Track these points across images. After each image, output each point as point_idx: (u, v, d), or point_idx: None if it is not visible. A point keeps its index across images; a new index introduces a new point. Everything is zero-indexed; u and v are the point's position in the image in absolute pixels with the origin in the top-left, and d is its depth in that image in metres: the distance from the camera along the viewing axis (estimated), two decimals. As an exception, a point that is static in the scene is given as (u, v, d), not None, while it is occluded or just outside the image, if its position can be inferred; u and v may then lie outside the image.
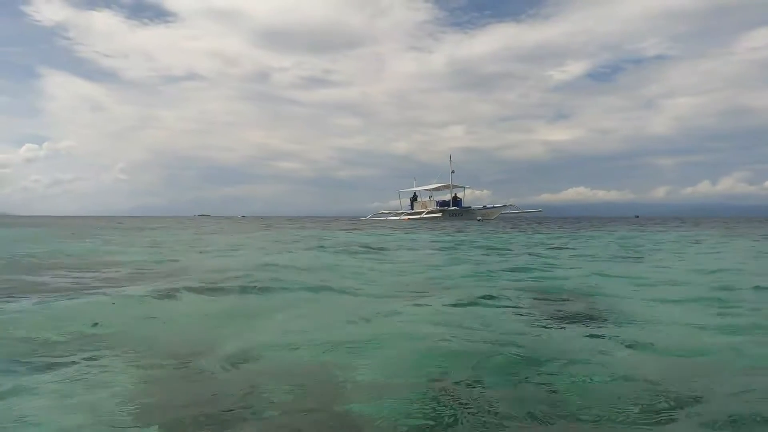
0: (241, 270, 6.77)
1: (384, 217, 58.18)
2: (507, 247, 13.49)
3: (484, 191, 61.70)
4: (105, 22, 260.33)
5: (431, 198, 57.90)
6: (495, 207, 53.30)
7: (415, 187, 59.09)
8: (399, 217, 55.75)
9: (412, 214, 55.46)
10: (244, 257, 10.19)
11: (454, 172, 55.47)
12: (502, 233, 21.66)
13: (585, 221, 50.48)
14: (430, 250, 13.01)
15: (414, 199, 59.15)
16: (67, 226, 29.45)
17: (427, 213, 53.74)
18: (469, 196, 57.64)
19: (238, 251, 11.82)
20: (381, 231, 24.38)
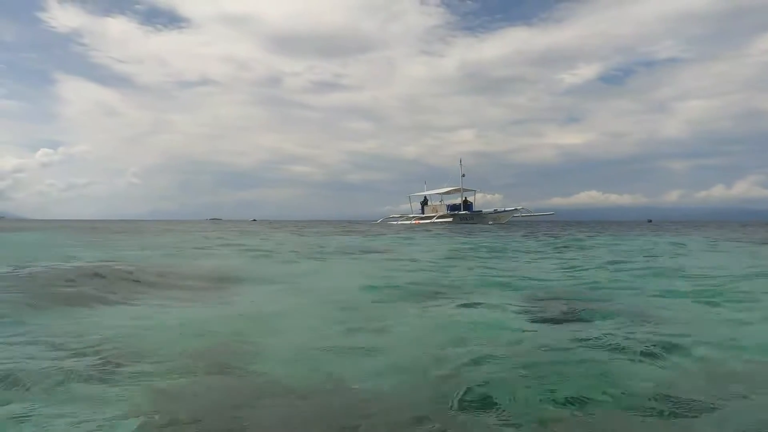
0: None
1: (395, 221, 58.10)
2: (525, 249, 13.43)
3: (496, 195, 61.64)
4: (119, 28, 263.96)
5: (442, 202, 57.70)
6: (506, 211, 52.94)
7: (426, 191, 58.97)
8: (410, 221, 55.62)
9: (423, 218, 55.30)
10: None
11: (464, 175, 55.25)
12: (517, 238, 21.55)
13: (598, 225, 50.05)
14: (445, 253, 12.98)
15: (424, 203, 58.96)
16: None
17: (437, 217, 53.55)
18: (480, 200, 57.36)
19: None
20: (401, 235, 24.37)
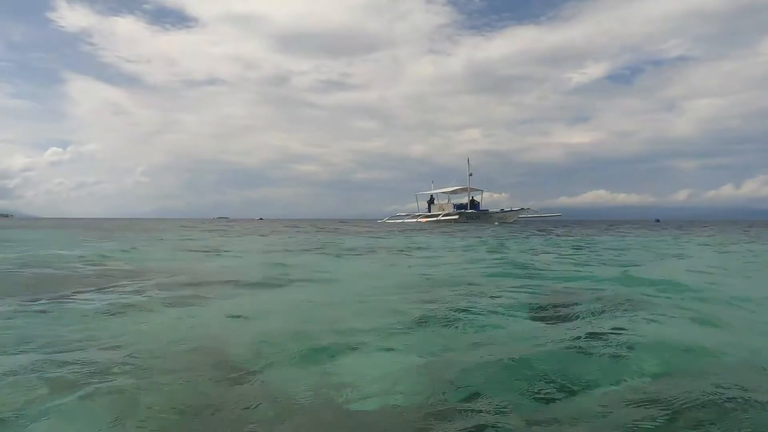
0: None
1: (400, 220, 58.16)
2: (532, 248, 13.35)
3: (502, 194, 61.47)
4: (128, 27, 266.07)
5: (449, 201, 57.73)
6: (513, 210, 52.90)
7: (433, 190, 59.02)
8: (416, 219, 55.67)
9: (429, 216, 55.33)
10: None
11: (471, 175, 55.26)
12: (522, 237, 21.46)
13: (605, 225, 49.82)
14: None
15: (431, 201, 59.04)
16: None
17: (443, 215, 53.57)
18: (487, 200, 57.33)
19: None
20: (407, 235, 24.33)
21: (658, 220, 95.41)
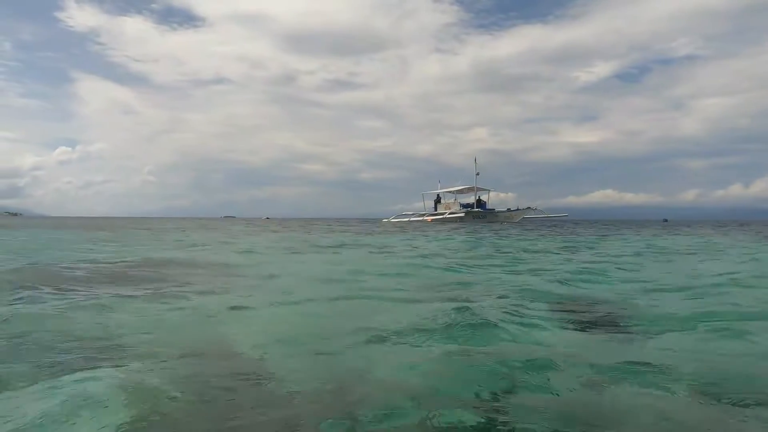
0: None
1: (407, 219, 58.03)
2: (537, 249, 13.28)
3: (509, 194, 61.24)
4: (136, 27, 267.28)
5: (455, 200, 57.56)
6: (519, 210, 52.72)
7: (440, 189, 58.85)
8: (422, 218, 55.53)
9: (435, 215, 55.16)
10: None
11: (479, 174, 55.12)
12: (526, 236, 21.36)
13: (611, 225, 49.54)
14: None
15: (438, 201, 58.89)
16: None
17: (449, 214, 53.40)
18: (493, 199, 57.18)
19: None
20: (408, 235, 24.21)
21: (666, 220, 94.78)
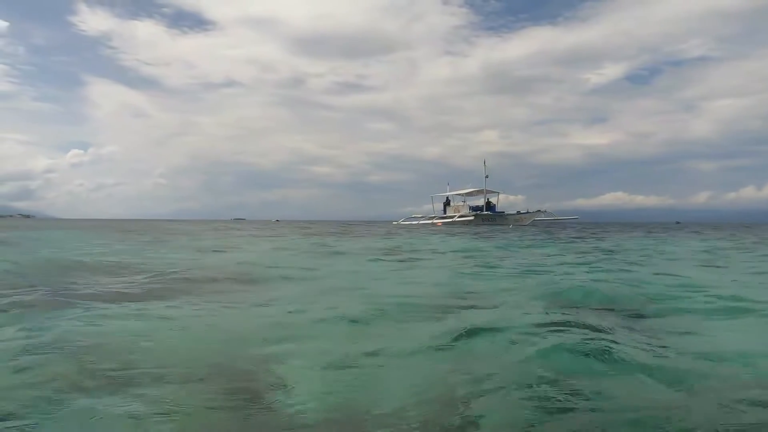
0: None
1: (416, 221, 57.95)
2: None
3: (519, 196, 60.91)
4: (147, 31, 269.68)
5: (464, 203, 57.43)
6: (529, 212, 52.47)
7: (449, 191, 58.75)
8: (431, 221, 55.43)
9: (444, 218, 55.04)
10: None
11: (488, 177, 54.94)
12: (536, 239, 21.21)
13: (620, 227, 49.13)
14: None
15: (447, 203, 58.76)
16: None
17: (458, 217, 53.26)
18: (503, 202, 56.91)
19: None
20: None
21: (678, 222, 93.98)
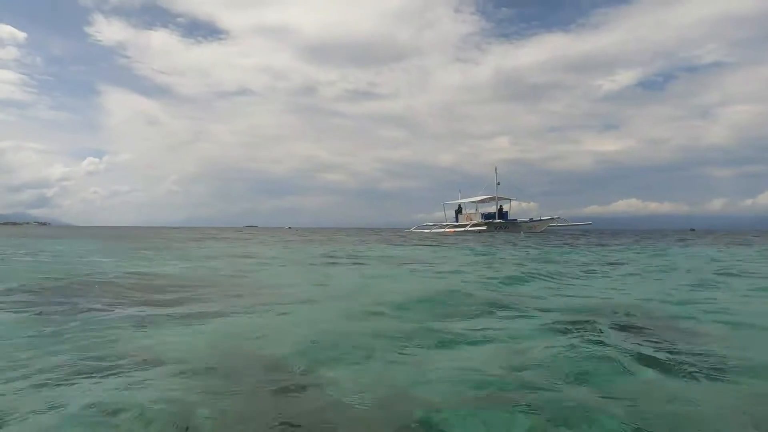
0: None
1: (428, 229, 57.75)
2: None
3: (531, 203, 60.03)
4: (162, 40, 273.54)
5: (477, 210, 57.16)
6: (542, 219, 52.01)
7: (460, 199, 58.50)
8: (443, 229, 55.20)
9: (457, 226, 54.78)
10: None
11: (499, 184, 54.58)
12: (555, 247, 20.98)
13: (635, 234, 48.56)
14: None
15: (459, 211, 58.52)
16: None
17: (471, 225, 52.99)
18: (515, 209, 56.46)
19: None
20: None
21: (693, 230, 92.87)
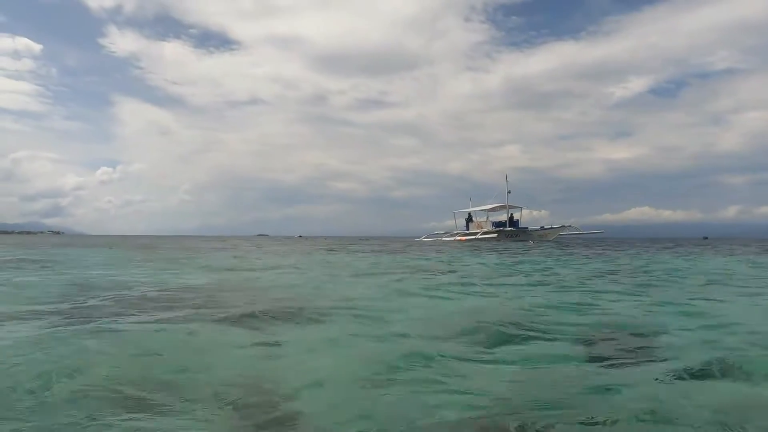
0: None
1: (439, 238, 57.67)
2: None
3: (542, 212, 60.13)
4: (174, 51, 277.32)
5: (487, 218, 56.98)
6: (553, 228, 51.65)
7: (471, 207, 58.39)
8: (453, 237, 55.08)
9: (467, 234, 54.61)
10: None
11: (510, 192, 54.39)
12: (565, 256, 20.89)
13: (648, 242, 48.16)
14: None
15: (469, 219, 58.36)
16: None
17: (482, 233, 52.81)
18: (526, 217, 56.27)
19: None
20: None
21: (706, 238, 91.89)
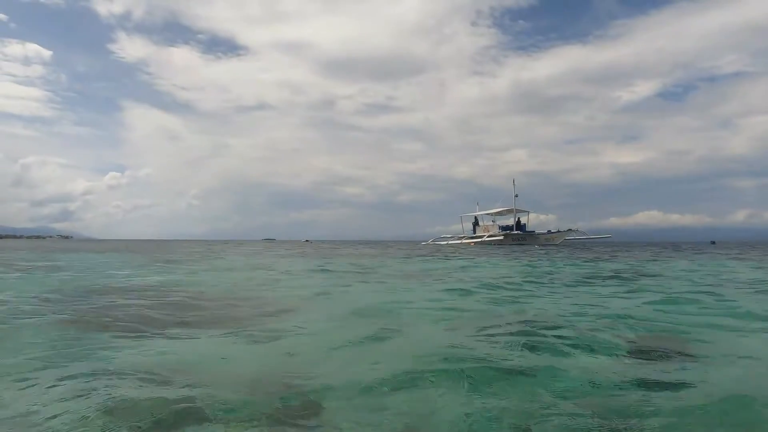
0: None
1: (445, 241, 57.81)
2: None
3: (550, 216, 60.19)
4: (183, 57, 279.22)
5: (494, 222, 57.04)
6: (559, 232, 51.59)
7: (478, 211, 58.51)
8: (460, 240, 55.18)
9: (474, 238, 54.71)
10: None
11: (517, 196, 54.49)
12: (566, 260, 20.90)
13: (657, 246, 47.82)
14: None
15: (476, 223, 58.43)
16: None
17: (488, 237, 52.87)
18: (533, 221, 56.29)
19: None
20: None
21: (714, 242, 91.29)
